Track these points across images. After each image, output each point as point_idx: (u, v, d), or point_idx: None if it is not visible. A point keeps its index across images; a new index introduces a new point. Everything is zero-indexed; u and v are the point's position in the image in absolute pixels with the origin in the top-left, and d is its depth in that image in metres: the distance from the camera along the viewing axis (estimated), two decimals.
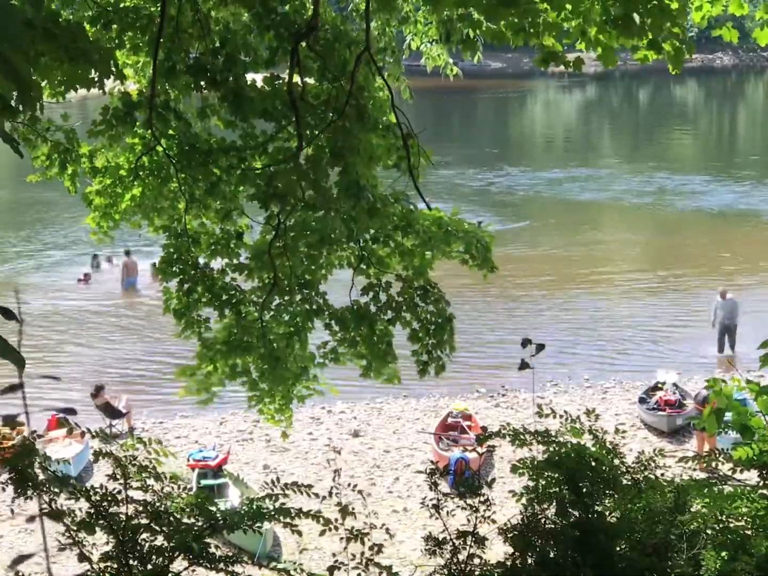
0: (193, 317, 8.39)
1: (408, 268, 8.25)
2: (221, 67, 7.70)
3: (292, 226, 7.90)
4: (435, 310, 8.24)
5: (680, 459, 6.20)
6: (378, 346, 8.25)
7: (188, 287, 8.28)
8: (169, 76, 7.76)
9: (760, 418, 5.98)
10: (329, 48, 7.82)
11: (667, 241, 32.42)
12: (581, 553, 5.43)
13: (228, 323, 8.33)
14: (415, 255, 8.16)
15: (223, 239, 8.35)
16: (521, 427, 6.32)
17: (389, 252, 8.19)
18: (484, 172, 43.47)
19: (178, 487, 5.62)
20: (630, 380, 20.57)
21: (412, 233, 8.05)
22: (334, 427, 18.38)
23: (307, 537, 6.09)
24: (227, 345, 8.31)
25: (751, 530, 5.51)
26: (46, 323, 23.73)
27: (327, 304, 8.32)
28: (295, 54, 7.55)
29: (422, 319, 8.21)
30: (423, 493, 9.51)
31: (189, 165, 7.95)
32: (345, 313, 8.24)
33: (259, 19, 7.73)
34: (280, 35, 7.75)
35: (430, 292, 8.23)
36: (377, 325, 8.21)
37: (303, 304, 8.30)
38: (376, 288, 8.20)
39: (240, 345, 8.28)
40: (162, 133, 7.94)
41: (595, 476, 5.76)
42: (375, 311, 8.21)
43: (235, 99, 7.66)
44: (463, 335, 23.46)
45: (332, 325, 8.28)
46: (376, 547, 5.65)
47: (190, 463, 15.57)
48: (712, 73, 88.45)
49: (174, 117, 7.92)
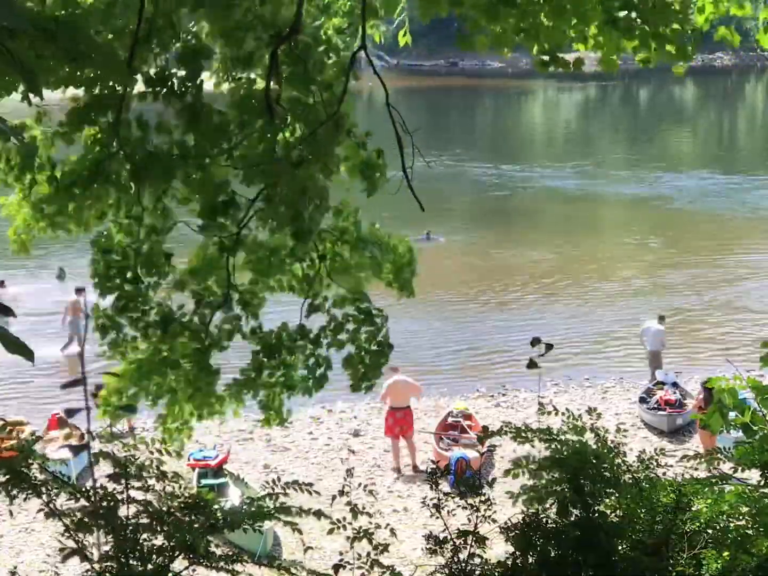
0: (119, 336, 7.97)
1: (353, 288, 8.09)
2: (182, 78, 7.47)
3: (241, 240, 7.75)
4: (376, 336, 8.09)
5: (681, 458, 6.20)
6: (315, 370, 8.04)
7: (123, 304, 7.88)
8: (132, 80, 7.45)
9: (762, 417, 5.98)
10: (308, 52, 7.65)
11: (668, 241, 32.41)
12: (582, 552, 5.43)
13: (155, 342, 7.97)
14: (356, 272, 8.06)
15: (151, 258, 7.90)
16: (523, 424, 6.32)
17: (334, 268, 8.06)
18: (484, 172, 43.45)
19: (179, 486, 5.62)
20: (630, 380, 20.58)
21: (359, 250, 7.97)
22: (334, 427, 18.38)
23: (307, 536, 6.09)
24: (155, 364, 7.95)
25: (752, 530, 5.51)
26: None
27: (261, 328, 8.06)
28: (274, 57, 7.45)
29: (360, 345, 8.07)
30: (423, 493, 9.51)
31: (147, 174, 7.58)
32: (281, 336, 7.98)
33: (236, 21, 7.47)
34: (259, 38, 7.56)
35: (374, 318, 8.08)
36: (317, 347, 8.03)
37: (226, 323, 7.99)
38: (319, 309, 8.03)
39: (166, 363, 7.95)
40: (124, 138, 7.60)
41: (597, 475, 5.75)
42: (316, 334, 8.02)
43: (192, 116, 7.45)
44: (464, 335, 23.59)
45: (259, 353, 8.01)
46: (381, 546, 5.65)
47: (190, 463, 15.56)
48: (712, 73, 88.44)
49: (136, 124, 7.60)
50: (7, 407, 18.87)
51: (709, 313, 24.91)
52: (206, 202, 7.62)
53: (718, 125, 68.13)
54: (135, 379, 7.99)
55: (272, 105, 7.48)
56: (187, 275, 7.91)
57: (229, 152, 7.67)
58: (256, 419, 18.26)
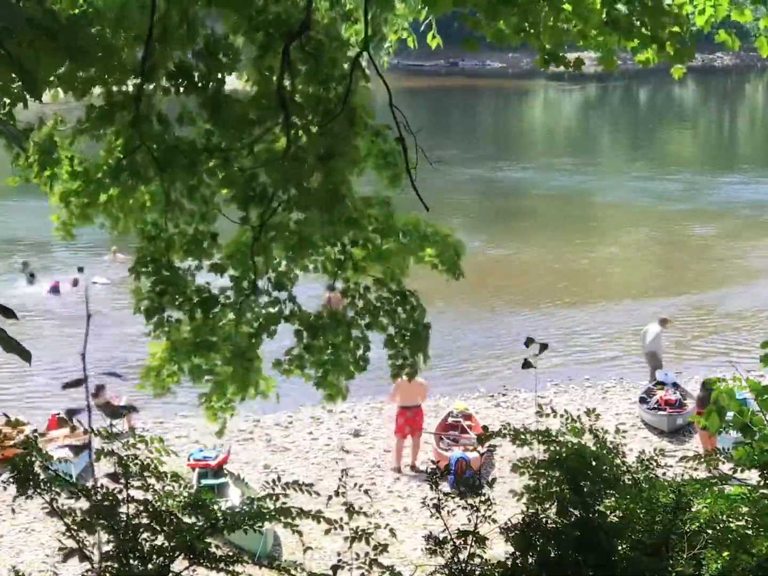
0: (163, 318, 8.32)
1: (386, 273, 8.23)
2: (204, 72, 7.59)
3: (272, 226, 7.89)
4: (412, 317, 8.22)
5: (681, 458, 6.20)
6: (354, 352, 8.22)
7: (161, 288, 8.19)
8: (150, 78, 7.60)
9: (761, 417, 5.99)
10: (321, 48, 7.72)
11: (669, 241, 32.42)
12: (582, 552, 5.43)
13: (197, 324, 8.26)
14: (392, 259, 8.16)
15: (196, 240, 8.24)
16: (522, 426, 6.32)
17: (365, 255, 8.19)
18: (484, 172, 43.45)
19: (179, 486, 5.62)
20: (630, 380, 20.57)
21: (391, 237, 8.05)
22: (334, 427, 18.38)
23: (308, 536, 6.08)
24: (195, 345, 8.26)
25: (752, 530, 5.51)
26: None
27: (300, 309, 8.26)
28: (287, 54, 7.51)
29: (398, 325, 8.20)
30: (423, 493, 9.51)
31: (172, 167, 7.81)
32: (319, 319, 8.19)
33: (249, 19, 7.60)
34: (270, 35, 7.64)
35: (408, 299, 8.21)
36: (355, 330, 8.20)
37: (269, 307, 8.24)
38: (353, 293, 8.19)
39: (206, 345, 8.24)
40: (145, 133, 7.77)
41: (596, 476, 5.76)
42: (352, 316, 8.19)
43: (215, 107, 7.58)
44: (464, 335, 23.58)
45: (302, 332, 8.22)
46: (380, 546, 5.65)
47: (190, 463, 15.57)
48: (712, 73, 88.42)
49: (157, 118, 7.77)
50: (7, 407, 18.86)
51: (710, 313, 24.91)
52: (238, 194, 7.75)
53: (719, 125, 68.12)
54: (175, 358, 8.34)
55: (286, 101, 7.52)
56: (226, 260, 8.13)
57: (250, 147, 7.83)
58: (256, 419, 18.37)
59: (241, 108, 7.70)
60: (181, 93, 7.68)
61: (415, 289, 8.37)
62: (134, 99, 7.62)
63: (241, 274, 8.18)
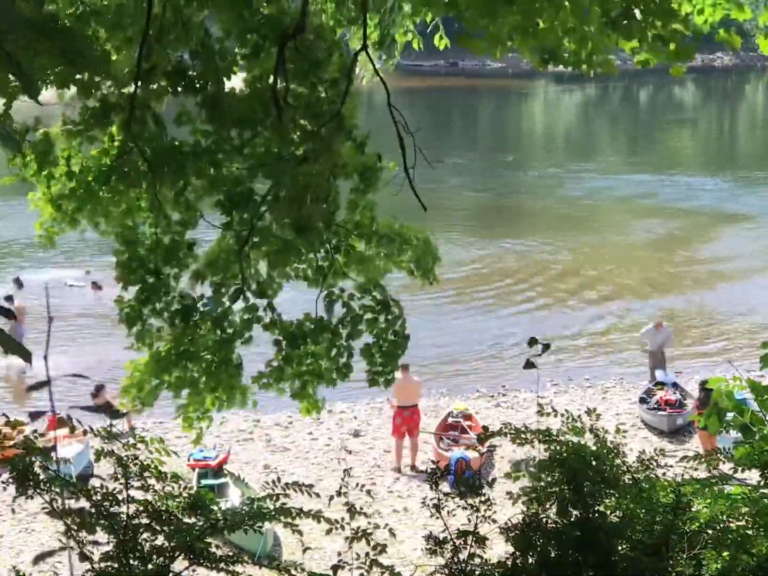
0: (145, 327, 8.12)
1: (369, 279, 8.17)
2: (201, 72, 7.56)
3: (257, 232, 7.83)
4: (393, 327, 8.17)
5: (681, 458, 6.20)
6: (337, 360, 8.15)
7: (145, 296, 8.03)
8: (147, 79, 7.55)
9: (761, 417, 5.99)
10: (315, 50, 7.71)
11: (669, 241, 32.42)
12: (582, 552, 5.43)
13: (177, 334, 8.10)
14: (372, 264, 8.13)
15: (171, 249, 8.07)
16: (522, 425, 6.32)
17: (346, 260, 8.15)
18: (484, 172, 43.46)
19: (179, 486, 5.62)
20: (630, 380, 20.58)
21: (373, 242, 8.03)
22: (334, 427, 18.39)
23: (308, 536, 6.09)
24: (177, 356, 8.09)
25: (752, 530, 5.51)
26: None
27: (280, 317, 8.16)
28: (281, 55, 7.49)
29: (377, 334, 8.15)
30: (423, 493, 9.51)
31: (162, 170, 7.70)
32: (300, 327, 8.10)
33: (243, 20, 7.57)
34: (264, 37, 7.63)
35: (391, 309, 8.16)
36: (338, 338, 8.14)
37: (246, 313, 8.11)
38: (335, 299, 8.11)
39: (186, 355, 8.08)
40: (138, 136, 7.67)
41: (596, 476, 5.76)
42: (336, 323, 8.11)
43: (213, 106, 7.53)
44: (464, 335, 23.58)
45: (281, 342, 8.13)
46: (380, 546, 5.65)
47: (190, 463, 15.57)
48: (712, 73, 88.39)
49: (152, 120, 7.71)
50: (7, 407, 18.88)
51: (710, 313, 24.92)
52: (223, 196, 7.70)
53: (719, 125, 68.11)
54: (155, 372, 8.17)
55: (279, 102, 7.51)
56: (206, 267, 8.03)
57: (239, 149, 7.76)
58: (256, 419, 18.38)
59: (238, 107, 7.67)
60: (180, 93, 7.65)
61: (399, 299, 8.30)
62: (129, 100, 7.56)
63: (221, 281, 8.04)
